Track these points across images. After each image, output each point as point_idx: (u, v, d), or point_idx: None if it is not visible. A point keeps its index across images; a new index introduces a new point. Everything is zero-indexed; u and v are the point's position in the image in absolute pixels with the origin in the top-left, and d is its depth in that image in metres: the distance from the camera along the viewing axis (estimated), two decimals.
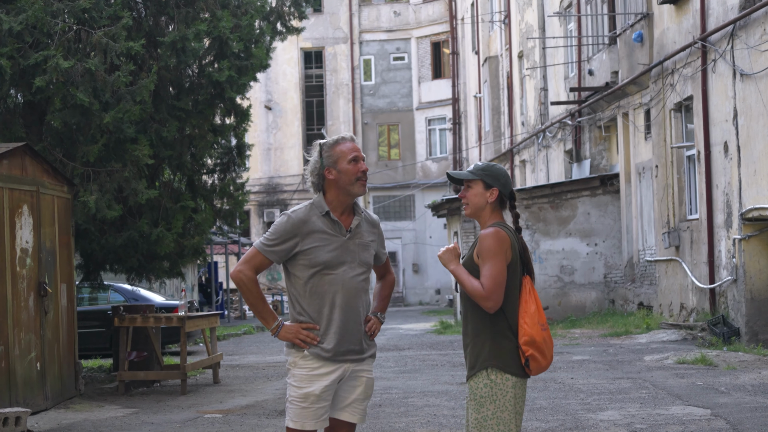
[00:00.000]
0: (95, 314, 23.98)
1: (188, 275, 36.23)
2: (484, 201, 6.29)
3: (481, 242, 6.15)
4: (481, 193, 6.29)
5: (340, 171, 6.46)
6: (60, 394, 15.57)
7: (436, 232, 55.96)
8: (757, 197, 19.80)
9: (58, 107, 16.20)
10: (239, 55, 18.23)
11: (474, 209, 6.32)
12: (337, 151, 6.49)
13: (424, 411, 13.57)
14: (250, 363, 22.66)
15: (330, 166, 6.48)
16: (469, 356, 6.20)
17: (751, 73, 19.86)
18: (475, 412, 6.12)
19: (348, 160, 6.46)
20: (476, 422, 6.12)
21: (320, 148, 6.54)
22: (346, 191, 6.48)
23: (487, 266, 6.09)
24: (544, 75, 39.05)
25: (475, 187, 6.30)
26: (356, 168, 6.46)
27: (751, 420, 11.74)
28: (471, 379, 6.16)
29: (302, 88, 60.06)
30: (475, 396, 6.13)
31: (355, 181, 6.47)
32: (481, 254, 6.13)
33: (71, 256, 16.49)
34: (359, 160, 6.49)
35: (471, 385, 6.16)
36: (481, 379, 6.13)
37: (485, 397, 6.11)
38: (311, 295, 6.46)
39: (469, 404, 6.16)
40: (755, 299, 20.39)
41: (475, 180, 6.30)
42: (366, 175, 6.52)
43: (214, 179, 20.25)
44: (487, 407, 6.10)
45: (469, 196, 6.31)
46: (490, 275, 6.07)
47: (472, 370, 6.16)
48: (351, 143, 6.53)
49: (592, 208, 31.27)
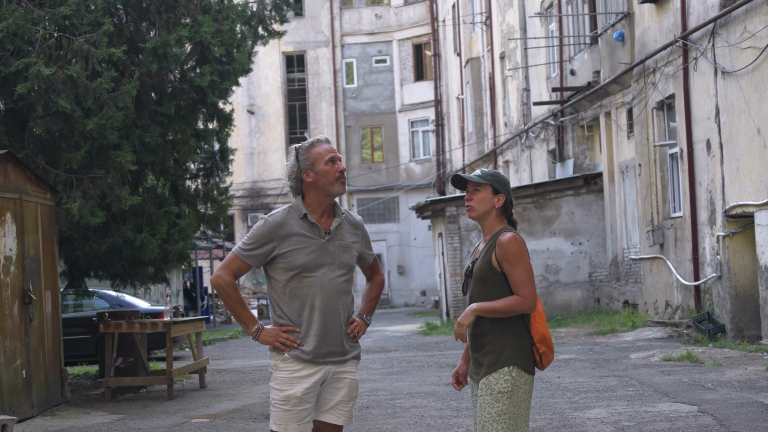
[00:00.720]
0: (80, 321, 23.92)
1: (173, 280, 36.15)
2: (491, 206, 6.37)
3: (506, 248, 6.22)
4: (488, 198, 6.37)
5: (318, 173, 6.46)
6: (46, 401, 15.53)
7: (421, 234, 55.98)
8: (740, 194, 19.85)
9: (41, 114, 16.17)
10: (221, 59, 18.21)
11: (480, 213, 6.38)
12: (314, 153, 6.49)
13: (412, 412, 13.56)
14: (237, 367, 22.63)
15: (307, 168, 6.48)
16: (488, 355, 6.23)
17: (732, 71, 19.92)
18: (489, 407, 6.18)
19: (325, 161, 6.46)
20: (491, 417, 6.17)
21: (296, 151, 6.55)
22: (326, 192, 6.48)
23: (519, 270, 6.21)
24: (526, 75, 39.08)
25: (484, 192, 6.37)
26: (334, 168, 6.46)
27: (738, 416, 11.76)
28: (491, 374, 6.21)
29: (284, 92, 60.01)
30: (492, 391, 6.19)
31: (334, 181, 6.47)
32: (508, 259, 6.22)
33: (55, 263, 16.45)
34: (336, 161, 6.49)
35: (489, 380, 6.20)
36: (502, 375, 6.20)
37: (503, 392, 6.18)
38: (290, 298, 6.47)
39: (483, 399, 6.21)
40: (740, 295, 20.44)
41: (484, 185, 6.37)
42: (344, 174, 6.53)
43: (197, 184, 20.23)
44: (503, 402, 6.17)
45: (476, 199, 6.37)
46: (526, 280, 6.21)
47: (492, 367, 6.21)
48: (326, 144, 6.54)
49: (576, 207, 31.32)
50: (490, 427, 6.18)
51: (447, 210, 32.14)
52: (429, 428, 12.12)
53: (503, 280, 6.25)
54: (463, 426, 12.10)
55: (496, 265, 6.24)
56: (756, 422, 11.29)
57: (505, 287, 6.25)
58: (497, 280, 6.26)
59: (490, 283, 6.26)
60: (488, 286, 6.27)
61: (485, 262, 6.28)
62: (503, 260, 6.22)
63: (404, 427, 12.38)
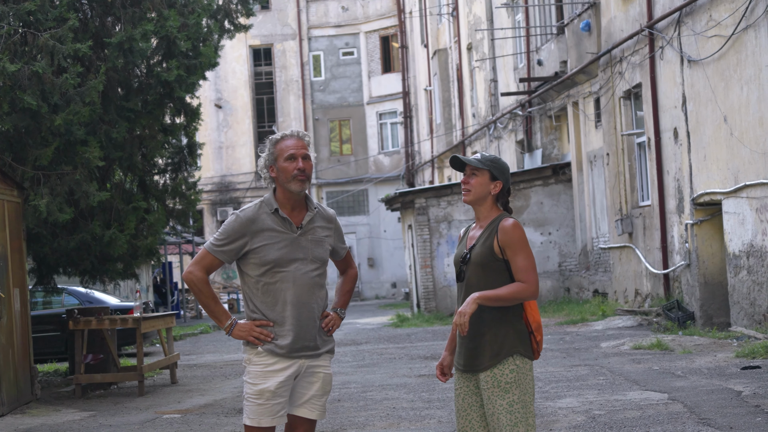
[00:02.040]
0: (50, 318, 23.81)
1: (142, 276, 36.03)
2: (487, 192, 6.30)
3: (509, 234, 6.16)
4: (486, 183, 6.29)
5: (278, 168, 6.46)
6: (16, 399, 15.46)
7: (391, 226, 56.01)
8: (708, 182, 19.94)
9: (6, 111, 16.06)
10: (187, 54, 18.14)
11: (475, 198, 6.30)
12: (278, 148, 6.49)
13: (383, 405, 13.57)
14: (208, 362, 22.59)
15: (271, 163, 6.50)
16: (489, 344, 6.16)
17: (698, 59, 19.99)
18: (500, 399, 6.12)
19: (285, 157, 6.44)
20: (503, 408, 6.11)
21: (268, 143, 6.55)
22: (286, 188, 6.46)
23: (522, 257, 6.17)
24: (493, 66, 39.13)
25: (481, 177, 6.29)
26: (292, 166, 6.43)
27: (708, 402, 11.82)
28: (495, 366, 6.15)
29: (252, 86, 59.90)
30: (500, 383, 6.13)
31: (291, 178, 6.43)
32: (512, 246, 6.15)
33: (23, 260, 16.37)
34: (297, 158, 6.44)
35: (494, 373, 6.14)
36: (508, 365, 6.14)
37: (511, 383, 6.13)
38: (263, 293, 6.46)
39: (491, 392, 6.14)
40: (708, 283, 20.55)
41: (482, 169, 6.29)
42: (304, 173, 6.45)
43: (165, 179, 20.16)
44: (513, 392, 6.12)
45: (474, 183, 6.29)
46: (529, 266, 6.16)
47: (496, 358, 6.14)
48: (293, 140, 6.49)
49: (545, 197, 31.39)
50: (503, 419, 6.11)
51: (416, 202, 32.14)
52: (401, 420, 12.13)
53: (504, 267, 6.19)
54: (434, 417, 12.11)
55: (498, 251, 6.17)
56: (726, 409, 11.35)
57: (505, 274, 6.19)
58: (498, 267, 6.19)
59: (491, 270, 6.19)
60: (489, 272, 6.19)
61: (486, 248, 6.19)
62: (506, 246, 6.15)
63: (376, 420, 12.38)
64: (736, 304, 18.91)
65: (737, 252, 18.79)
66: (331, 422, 12.28)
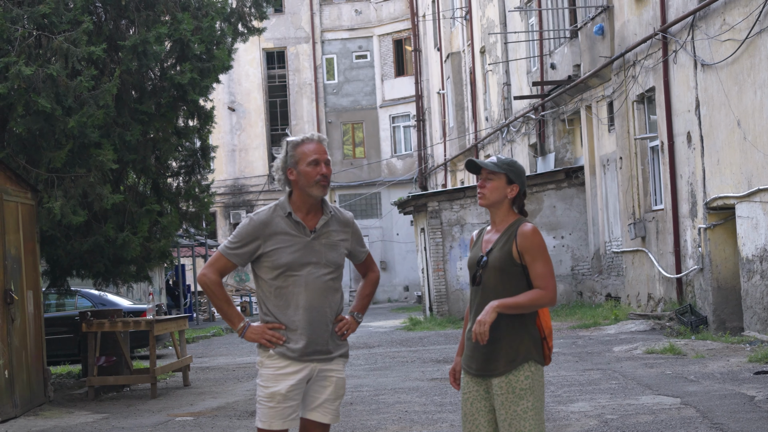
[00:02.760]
0: (63, 320, 23.89)
1: (155, 279, 36.12)
2: (503, 196, 6.27)
3: (529, 239, 6.14)
4: (502, 187, 6.26)
5: (299, 173, 6.43)
6: (29, 401, 15.49)
7: (403, 229, 55.98)
8: (721, 186, 19.90)
9: (21, 114, 16.10)
10: (201, 57, 18.17)
11: (491, 202, 6.27)
12: (299, 151, 6.45)
13: (396, 408, 13.57)
14: (220, 365, 22.61)
15: (291, 166, 6.46)
16: (505, 350, 6.13)
17: (712, 63, 19.96)
18: (514, 405, 6.10)
19: (308, 162, 6.42)
20: (517, 415, 6.09)
21: (287, 145, 6.51)
22: (306, 193, 6.45)
23: (541, 263, 6.14)
24: (506, 70, 39.11)
25: (497, 181, 6.25)
26: (315, 171, 6.41)
27: (721, 407, 11.80)
28: (510, 372, 6.13)
29: (265, 89, 59.94)
30: (514, 389, 6.11)
31: (314, 183, 6.42)
32: (531, 251, 6.14)
33: (37, 262, 16.41)
34: (320, 163, 6.42)
35: (509, 379, 6.12)
36: (523, 371, 6.13)
37: (525, 389, 6.12)
38: (276, 296, 6.46)
39: (506, 398, 6.12)
40: (722, 288, 20.50)
41: (498, 173, 6.26)
42: (327, 178, 6.46)
43: (179, 182, 20.18)
44: (527, 399, 6.11)
45: (490, 188, 6.25)
46: (548, 273, 6.14)
47: (512, 364, 6.12)
48: (315, 144, 6.47)
49: (558, 201, 31.37)
50: (518, 425, 6.09)
51: (429, 205, 32.14)
52: (413, 424, 12.13)
53: (522, 272, 6.17)
54: (447, 421, 12.11)
55: (516, 256, 6.14)
56: (739, 414, 11.33)
57: (523, 279, 6.17)
58: (516, 272, 6.16)
59: (509, 275, 6.16)
60: (506, 277, 6.17)
61: (505, 252, 6.17)
62: (525, 252, 6.13)
63: (388, 423, 12.38)
64: (750, 308, 18.87)
65: (750, 256, 18.75)
66: (343, 425, 12.28)
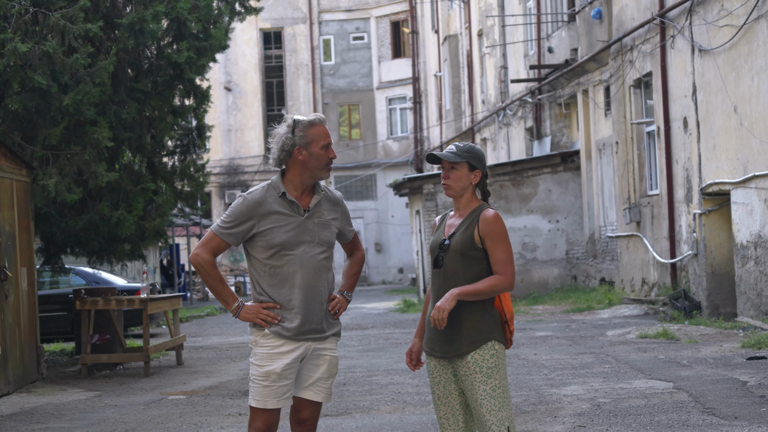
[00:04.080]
0: (57, 298, 23.86)
1: (150, 257, 36.08)
2: (468, 183, 6.34)
3: (490, 225, 6.22)
4: (465, 176, 6.33)
5: (312, 154, 6.43)
6: (22, 378, 15.50)
7: (398, 212, 55.97)
8: (717, 172, 19.91)
9: (17, 90, 16.06)
10: (198, 36, 18.13)
11: (457, 191, 6.33)
12: (312, 133, 6.44)
13: (389, 389, 13.59)
14: (214, 344, 22.62)
15: (302, 146, 6.43)
16: (466, 331, 6.20)
17: (709, 49, 19.95)
18: (483, 384, 6.19)
19: (322, 145, 6.43)
20: (486, 394, 6.18)
21: (294, 124, 6.47)
22: (312, 174, 6.46)
23: (501, 249, 6.23)
24: (503, 53, 39.06)
25: (460, 170, 6.32)
26: (327, 154, 6.46)
27: (713, 392, 11.82)
28: (475, 352, 6.21)
29: (262, 69, 59.86)
30: (482, 368, 6.19)
31: (323, 166, 6.47)
32: (492, 237, 6.22)
33: (31, 239, 16.39)
34: (330, 147, 6.48)
35: (475, 358, 6.20)
36: (487, 350, 6.22)
37: (492, 367, 6.21)
38: (271, 275, 6.46)
39: (473, 378, 6.20)
40: (716, 273, 20.53)
41: (460, 162, 6.32)
42: (332, 162, 6.53)
43: (174, 161, 20.16)
44: (494, 377, 6.20)
45: (454, 178, 6.32)
46: (508, 259, 6.22)
47: (474, 344, 6.20)
48: (324, 127, 6.49)
49: (554, 185, 31.36)
50: (487, 404, 6.18)
51: (424, 187, 32.13)
52: (406, 405, 12.14)
53: (482, 256, 6.24)
54: None
55: (478, 240, 6.22)
56: (731, 399, 11.35)
57: (483, 263, 6.24)
58: (477, 256, 6.24)
59: (470, 258, 6.24)
60: (468, 261, 6.24)
61: (467, 237, 6.24)
62: (486, 237, 6.21)
63: (381, 404, 12.40)
64: (743, 294, 18.90)
65: (745, 242, 18.77)
66: (336, 406, 12.30)
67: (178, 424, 11.91)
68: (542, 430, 10.16)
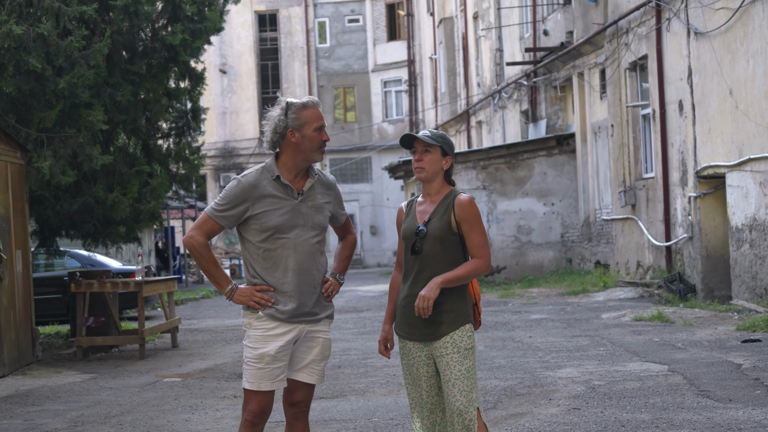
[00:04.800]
0: (52, 280, 23.84)
1: (145, 240, 36.07)
2: (439, 167, 6.44)
3: (467, 209, 6.35)
4: (438, 160, 6.43)
5: (304, 136, 6.43)
6: (17, 360, 15.50)
7: (393, 194, 56.01)
8: (712, 155, 19.91)
9: (11, 73, 16.01)
10: (192, 18, 18.10)
11: (430, 174, 6.43)
12: (305, 115, 6.45)
13: (384, 371, 13.60)
14: (209, 327, 22.63)
15: (295, 128, 6.44)
16: (447, 313, 6.30)
17: (705, 32, 19.93)
18: (458, 364, 6.31)
19: (314, 127, 6.44)
20: (460, 373, 6.30)
21: (287, 107, 6.48)
22: (305, 157, 6.47)
23: (477, 232, 6.37)
24: (499, 36, 39.02)
25: (434, 153, 6.42)
26: (320, 137, 6.46)
27: (708, 375, 11.84)
28: (454, 333, 6.32)
29: (257, 52, 59.78)
30: (459, 349, 6.31)
31: (317, 148, 6.47)
32: (468, 221, 6.34)
33: (26, 222, 16.37)
34: (323, 129, 6.48)
35: (454, 338, 6.32)
36: (465, 332, 6.35)
37: (469, 348, 6.35)
38: (264, 258, 6.47)
39: (450, 358, 6.31)
40: (711, 256, 20.55)
41: (434, 146, 6.41)
42: (325, 144, 6.54)
43: (169, 143, 20.13)
44: (469, 358, 6.34)
45: (428, 161, 6.41)
46: (484, 242, 6.36)
47: (454, 325, 6.32)
48: (316, 110, 6.50)
49: (549, 168, 31.37)
50: (461, 384, 6.30)
51: None
52: (400, 387, 12.15)
53: (459, 240, 6.37)
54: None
55: (455, 225, 6.34)
56: (725, 381, 11.37)
57: (459, 247, 6.38)
58: (454, 240, 6.36)
59: (448, 243, 6.36)
60: (446, 245, 6.35)
61: (444, 222, 6.35)
62: (463, 221, 6.33)
63: (376, 386, 12.41)
64: (738, 277, 18.92)
65: (740, 225, 18.79)
66: (331, 388, 12.31)
67: (173, 406, 11.92)
68: (537, 412, 10.18)
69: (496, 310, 21.97)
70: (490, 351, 15.07)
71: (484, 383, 12.04)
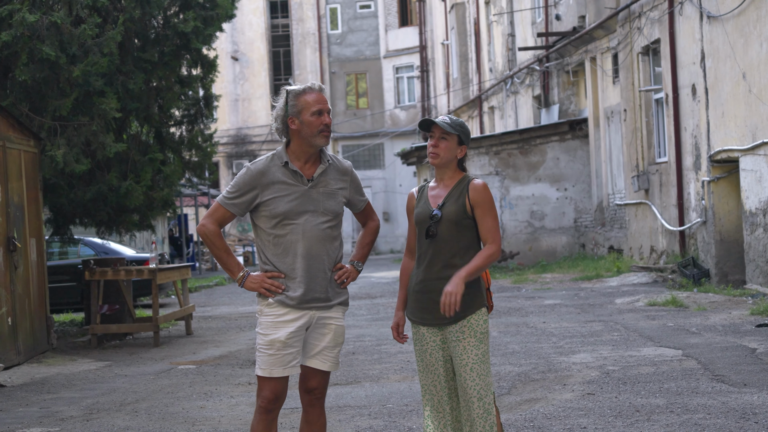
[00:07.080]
0: (66, 268, 23.91)
1: (158, 228, 36.14)
2: (453, 156, 6.45)
3: (481, 194, 6.37)
4: (453, 148, 6.43)
5: (302, 122, 6.44)
6: (32, 348, 15.55)
7: (406, 180, 55.96)
8: (725, 139, 19.86)
9: (25, 62, 16.04)
10: (204, 5, 18.11)
11: (444, 161, 6.43)
12: (302, 101, 6.46)
13: (398, 358, 13.62)
14: (223, 314, 22.67)
15: (293, 115, 6.46)
16: (462, 297, 6.23)
17: (718, 15, 19.87)
18: (475, 348, 6.33)
19: (312, 112, 6.43)
20: (477, 358, 6.31)
21: (286, 95, 6.52)
22: (308, 142, 6.48)
23: (490, 217, 6.39)
24: (511, 21, 38.95)
25: (450, 141, 6.42)
26: (319, 121, 6.44)
27: (722, 359, 11.83)
28: (470, 317, 6.33)
29: (269, 38, 59.75)
30: (476, 333, 6.34)
31: (317, 133, 6.45)
32: (482, 205, 6.36)
33: (40, 210, 16.40)
34: (323, 113, 6.46)
35: (470, 322, 6.33)
36: (481, 316, 6.37)
37: (484, 333, 6.37)
38: (274, 245, 6.49)
39: (467, 342, 6.32)
40: (724, 240, 20.51)
41: (452, 134, 6.42)
42: (329, 128, 6.50)
43: (182, 131, 20.15)
44: (484, 342, 6.36)
45: (443, 147, 6.41)
46: (496, 227, 6.39)
47: (469, 310, 6.32)
48: (317, 94, 6.48)
49: (561, 153, 31.33)
50: (478, 368, 6.31)
51: None
52: (414, 374, 12.16)
53: (473, 224, 6.39)
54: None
55: (469, 209, 6.36)
56: (740, 366, 11.36)
57: (473, 231, 6.39)
58: (468, 224, 6.38)
59: (463, 227, 6.37)
60: (460, 229, 6.37)
61: (459, 206, 6.36)
62: (477, 205, 6.35)
63: (390, 373, 12.43)
64: (752, 261, 18.89)
65: (754, 209, 18.74)
66: (345, 375, 12.33)
67: (188, 393, 11.95)
68: (552, 397, 10.19)
69: (510, 296, 21.97)
70: (504, 336, 15.07)
71: (498, 369, 12.05)
